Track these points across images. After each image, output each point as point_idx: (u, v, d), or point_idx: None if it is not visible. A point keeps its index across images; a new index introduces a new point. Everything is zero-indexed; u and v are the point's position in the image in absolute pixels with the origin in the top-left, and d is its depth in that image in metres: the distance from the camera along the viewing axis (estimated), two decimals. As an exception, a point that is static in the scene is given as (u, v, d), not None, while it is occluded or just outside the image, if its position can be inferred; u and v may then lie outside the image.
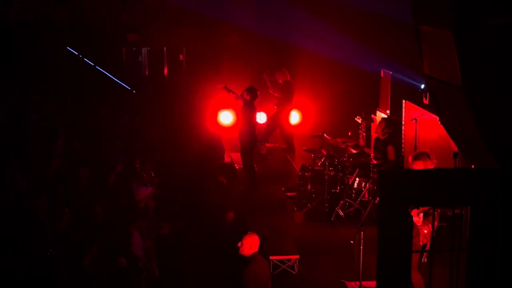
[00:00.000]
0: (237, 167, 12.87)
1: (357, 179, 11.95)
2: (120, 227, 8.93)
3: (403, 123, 12.66)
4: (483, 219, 4.41)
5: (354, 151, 12.44)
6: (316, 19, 18.05)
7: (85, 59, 20.77)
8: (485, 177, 4.49)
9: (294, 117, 15.48)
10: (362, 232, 8.63)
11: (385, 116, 13.55)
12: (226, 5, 20.26)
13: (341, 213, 11.57)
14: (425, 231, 8.11)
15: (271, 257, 9.49)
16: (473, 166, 5.61)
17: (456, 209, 5.08)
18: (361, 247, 8.63)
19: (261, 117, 15.20)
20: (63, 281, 7.13)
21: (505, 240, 4.43)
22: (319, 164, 12.54)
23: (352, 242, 8.94)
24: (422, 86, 12.08)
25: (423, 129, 11.82)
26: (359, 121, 15.05)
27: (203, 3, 20.26)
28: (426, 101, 11.87)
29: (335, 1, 17.20)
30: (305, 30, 17.97)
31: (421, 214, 7.99)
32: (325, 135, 12.79)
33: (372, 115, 14.67)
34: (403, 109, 12.78)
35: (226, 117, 15.49)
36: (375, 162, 11.70)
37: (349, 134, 14.23)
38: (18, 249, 7.29)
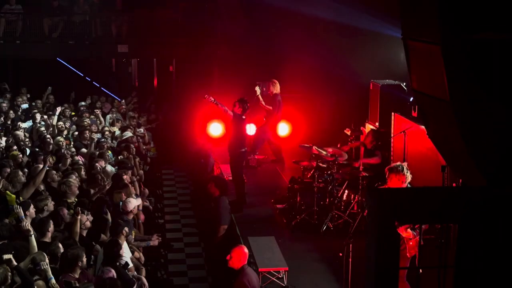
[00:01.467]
0: (226, 179, 12.87)
1: (346, 191, 11.98)
2: (109, 239, 8.92)
3: (392, 135, 12.71)
4: (471, 237, 4.44)
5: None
6: (306, 30, 18.16)
7: (75, 70, 20.79)
8: (473, 195, 4.52)
9: (283, 129, 15.48)
10: (350, 245, 8.64)
11: (374, 128, 13.61)
12: (216, 17, 20.32)
13: (330, 225, 11.58)
14: (411, 243, 8.16)
15: (260, 269, 9.47)
16: (461, 180, 5.65)
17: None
18: (350, 260, 8.65)
19: (250, 129, 15.19)
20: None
21: (492, 259, 4.46)
22: (308, 176, 12.56)
23: (340, 254, 8.95)
24: (411, 99, 12.15)
25: (412, 141, 11.87)
26: (348, 133, 15.08)
27: (194, 15, 20.31)
28: (414, 114, 11.93)
29: (325, 14, 17.31)
30: (295, 42, 18.04)
31: (409, 229, 8.05)
32: (314, 147, 12.78)
33: (362, 127, 14.71)
34: (392, 122, 12.83)
35: (215, 129, 15.48)
36: (364, 173, 11.74)
37: (338, 146, 14.25)
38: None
